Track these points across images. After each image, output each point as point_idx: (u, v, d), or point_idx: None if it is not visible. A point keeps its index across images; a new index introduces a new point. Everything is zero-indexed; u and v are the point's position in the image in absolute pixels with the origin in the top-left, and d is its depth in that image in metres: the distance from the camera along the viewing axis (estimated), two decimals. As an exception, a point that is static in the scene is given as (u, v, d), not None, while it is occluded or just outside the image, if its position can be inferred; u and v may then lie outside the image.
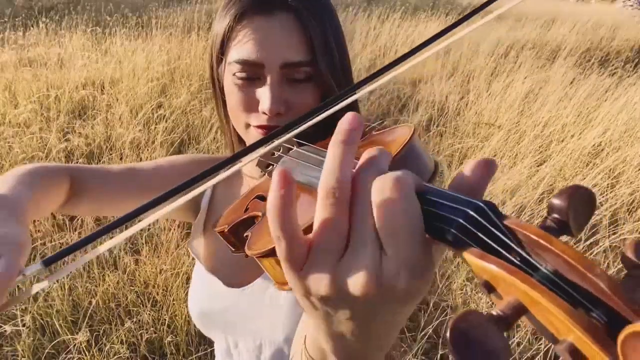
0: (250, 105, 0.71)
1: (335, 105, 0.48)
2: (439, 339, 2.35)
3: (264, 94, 0.69)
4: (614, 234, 3.15)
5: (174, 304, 2.38)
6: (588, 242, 3.06)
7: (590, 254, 2.97)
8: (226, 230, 0.58)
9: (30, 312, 2.29)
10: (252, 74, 0.69)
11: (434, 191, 0.31)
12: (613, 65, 6.79)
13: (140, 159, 3.67)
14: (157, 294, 2.46)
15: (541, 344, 2.32)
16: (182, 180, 0.82)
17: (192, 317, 0.87)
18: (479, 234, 0.27)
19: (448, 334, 0.24)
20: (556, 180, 3.60)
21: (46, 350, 2.18)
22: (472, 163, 0.32)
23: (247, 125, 0.73)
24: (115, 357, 2.21)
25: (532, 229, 0.26)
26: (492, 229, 0.27)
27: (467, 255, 0.27)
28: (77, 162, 3.62)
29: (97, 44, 6.18)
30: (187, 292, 2.33)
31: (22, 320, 2.23)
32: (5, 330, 2.15)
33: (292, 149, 0.57)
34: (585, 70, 6.29)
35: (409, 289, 0.30)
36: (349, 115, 0.33)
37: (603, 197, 3.39)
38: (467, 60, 6.53)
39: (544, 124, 4.45)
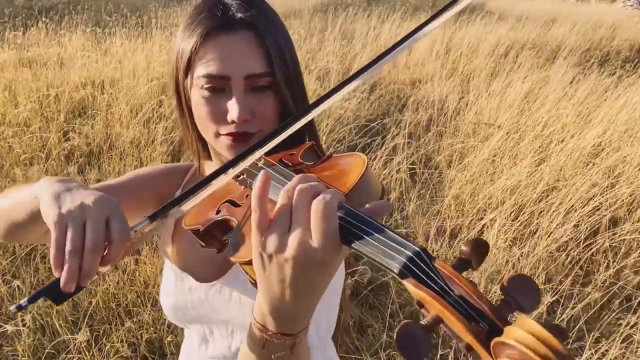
0: (219, 115, 0.77)
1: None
2: (438, 338, 2.35)
3: (232, 105, 0.76)
4: (614, 234, 3.15)
5: (174, 303, 2.38)
6: (588, 242, 3.06)
7: (590, 253, 2.97)
8: (201, 230, 0.66)
9: (30, 312, 2.29)
10: (219, 86, 0.76)
11: (374, 226, 0.46)
12: (613, 65, 6.80)
13: (140, 159, 3.68)
14: (157, 294, 2.46)
15: None
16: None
17: (165, 311, 0.92)
18: (418, 272, 0.41)
19: (395, 336, 0.38)
20: (556, 180, 3.60)
21: (46, 350, 2.19)
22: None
23: (217, 135, 0.79)
24: (115, 357, 2.21)
25: (448, 269, 0.41)
26: (427, 270, 0.40)
27: (406, 283, 0.41)
28: (77, 162, 3.62)
29: (97, 44, 6.18)
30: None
31: (22, 320, 2.23)
32: (6, 330, 2.15)
33: (259, 165, 0.70)
34: (585, 70, 6.29)
35: (324, 259, 0.48)
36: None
37: (603, 197, 3.39)
38: (467, 60, 6.53)
39: (543, 124, 4.45)
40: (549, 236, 3.00)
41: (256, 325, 0.58)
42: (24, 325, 2.23)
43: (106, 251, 0.56)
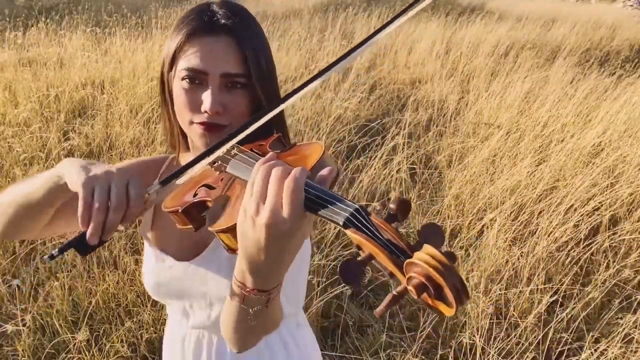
0: (195, 105, 0.86)
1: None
2: (438, 339, 2.35)
3: (206, 97, 0.85)
4: (614, 234, 3.15)
5: (173, 303, 2.38)
6: (588, 242, 3.06)
7: (590, 253, 2.97)
8: (180, 210, 0.75)
9: (30, 312, 2.29)
10: (197, 79, 0.86)
11: (322, 191, 0.58)
12: (613, 65, 6.80)
13: (140, 159, 3.67)
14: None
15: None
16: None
17: (147, 289, 1.03)
18: (356, 222, 0.53)
19: (339, 272, 0.52)
20: (556, 180, 3.60)
21: (46, 350, 2.19)
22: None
23: (191, 122, 0.88)
24: (115, 357, 2.21)
25: (379, 220, 0.54)
26: (363, 221, 0.53)
27: (348, 232, 0.54)
28: (77, 162, 3.62)
29: (97, 44, 6.18)
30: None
31: (22, 320, 2.23)
32: (6, 330, 2.16)
33: (234, 152, 0.79)
34: (585, 70, 6.29)
35: (292, 228, 0.57)
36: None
37: (603, 197, 3.40)
38: (467, 60, 6.54)
39: (543, 123, 4.45)
40: (548, 236, 3.00)
41: (236, 283, 0.67)
42: (24, 325, 2.23)
43: (126, 210, 0.67)
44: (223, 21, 0.86)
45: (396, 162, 3.58)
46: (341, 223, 0.54)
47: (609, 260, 2.94)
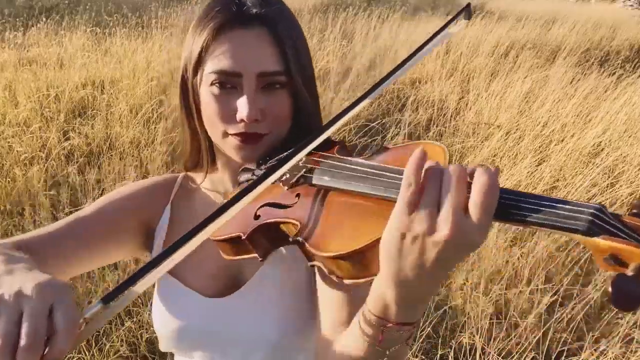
0: (228, 114, 0.74)
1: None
2: (438, 338, 2.35)
3: (241, 103, 0.72)
4: (614, 233, 3.15)
5: (173, 303, 2.38)
6: (588, 242, 3.06)
7: (590, 253, 2.96)
8: (244, 237, 0.63)
9: (30, 311, 2.29)
10: (229, 83, 0.73)
11: (516, 192, 0.47)
12: (613, 65, 6.80)
13: (140, 159, 3.68)
14: (157, 294, 2.47)
15: None
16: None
17: (163, 337, 0.82)
18: (607, 226, 0.41)
19: (614, 301, 0.38)
20: (556, 180, 3.60)
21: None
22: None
23: (225, 134, 0.76)
24: (115, 356, 2.21)
25: (630, 218, 0.43)
26: (614, 223, 0.41)
27: (593, 240, 0.41)
28: (77, 162, 3.62)
29: (97, 44, 6.18)
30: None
31: (22, 320, 2.23)
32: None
33: (311, 167, 0.65)
34: (585, 70, 6.29)
35: (478, 239, 0.45)
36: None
37: (603, 197, 3.39)
38: (467, 60, 6.53)
39: (543, 123, 4.45)
40: (549, 236, 3.00)
41: (372, 320, 0.52)
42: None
43: (47, 348, 0.45)
44: (255, 10, 0.73)
45: (396, 162, 3.58)
46: (583, 228, 0.41)
47: (609, 260, 2.94)
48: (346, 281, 0.54)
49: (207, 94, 0.75)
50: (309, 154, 0.63)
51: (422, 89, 5.63)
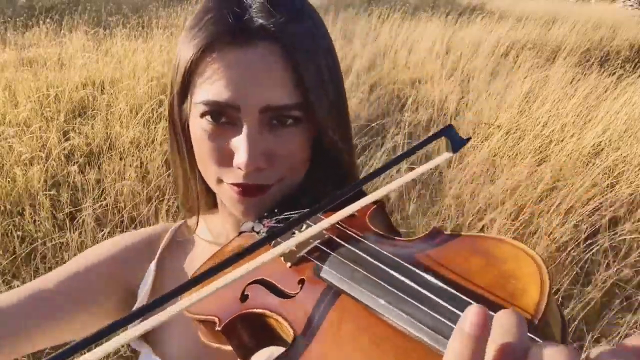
0: (223, 156, 0.57)
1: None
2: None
3: (239, 145, 0.55)
4: (614, 234, 3.15)
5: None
6: (588, 242, 3.06)
7: (590, 253, 2.97)
8: (219, 326, 0.44)
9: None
10: (225, 117, 0.56)
11: None
12: (613, 65, 6.79)
13: (140, 159, 3.67)
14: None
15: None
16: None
17: None
18: None
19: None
20: (556, 180, 3.60)
21: (46, 350, 2.19)
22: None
23: (220, 181, 0.59)
24: (116, 356, 2.21)
25: None
26: None
27: None
28: (77, 162, 3.62)
29: (97, 44, 6.18)
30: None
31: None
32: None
33: (341, 244, 0.44)
34: (585, 70, 6.29)
35: None
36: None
37: (603, 197, 3.39)
38: (467, 60, 6.53)
39: (543, 123, 4.45)
40: (549, 236, 3.00)
41: None
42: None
43: None
44: (260, 21, 0.54)
45: (396, 162, 3.58)
46: None
47: (609, 261, 2.94)
48: None
49: (197, 128, 0.58)
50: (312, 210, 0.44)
51: (422, 89, 5.62)
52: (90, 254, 0.71)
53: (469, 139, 0.51)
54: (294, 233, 0.48)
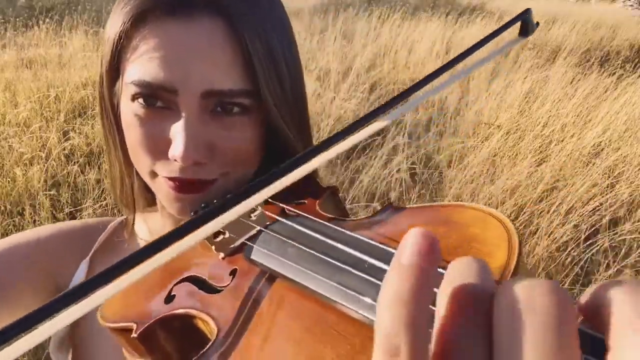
0: (157, 146, 0.49)
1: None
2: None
3: (176, 135, 0.47)
4: (614, 234, 3.15)
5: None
6: (588, 243, 3.06)
7: (591, 253, 2.97)
8: (134, 333, 0.36)
9: (30, 311, 2.29)
10: (160, 100, 0.48)
11: None
12: (613, 65, 6.79)
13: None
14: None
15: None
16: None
17: None
18: None
19: None
20: (556, 180, 3.60)
21: (46, 351, 2.18)
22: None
23: (153, 174, 0.51)
24: (115, 356, 2.21)
25: None
26: None
27: None
28: (77, 162, 3.62)
29: (97, 44, 6.18)
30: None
31: (22, 320, 2.23)
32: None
33: (276, 219, 0.40)
34: (585, 70, 6.29)
35: None
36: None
37: (603, 197, 3.39)
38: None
39: (543, 123, 4.45)
40: (549, 236, 3.00)
41: None
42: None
43: None
44: None
45: (396, 162, 3.58)
46: None
47: (610, 261, 2.94)
48: None
49: (128, 112, 0.49)
50: (267, 202, 0.40)
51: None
52: (18, 236, 0.63)
53: (538, 24, 0.48)
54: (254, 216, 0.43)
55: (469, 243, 0.30)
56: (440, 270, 0.20)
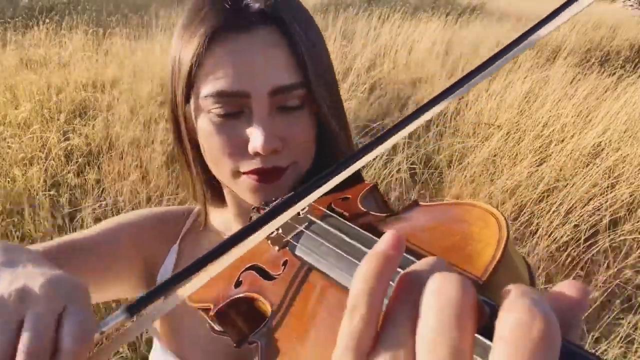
0: (237, 147, 0.57)
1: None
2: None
3: (254, 130, 0.56)
4: (614, 234, 3.15)
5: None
6: (588, 243, 3.06)
7: (591, 254, 2.97)
8: (212, 312, 0.47)
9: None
10: (235, 107, 0.57)
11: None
12: (613, 65, 6.79)
13: (140, 159, 3.67)
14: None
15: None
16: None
17: None
18: None
19: None
20: (556, 180, 3.60)
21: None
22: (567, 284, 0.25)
23: (236, 174, 0.59)
24: (116, 357, 2.21)
25: None
26: None
27: None
28: (77, 162, 3.62)
29: (97, 44, 6.18)
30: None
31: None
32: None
33: (314, 221, 0.47)
34: (585, 70, 6.29)
35: None
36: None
37: (603, 197, 3.39)
38: (467, 60, 6.53)
39: (543, 123, 4.45)
40: (549, 236, 3.00)
41: None
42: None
43: None
44: (258, 5, 0.56)
45: (396, 162, 3.58)
46: None
47: (610, 261, 2.94)
48: None
49: (205, 124, 0.58)
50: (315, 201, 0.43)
51: (422, 89, 5.62)
52: (122, 217, 0.74)
53: None
54: (301, 217, 0.51)
55: (467, 241, 0.34)
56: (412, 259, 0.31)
